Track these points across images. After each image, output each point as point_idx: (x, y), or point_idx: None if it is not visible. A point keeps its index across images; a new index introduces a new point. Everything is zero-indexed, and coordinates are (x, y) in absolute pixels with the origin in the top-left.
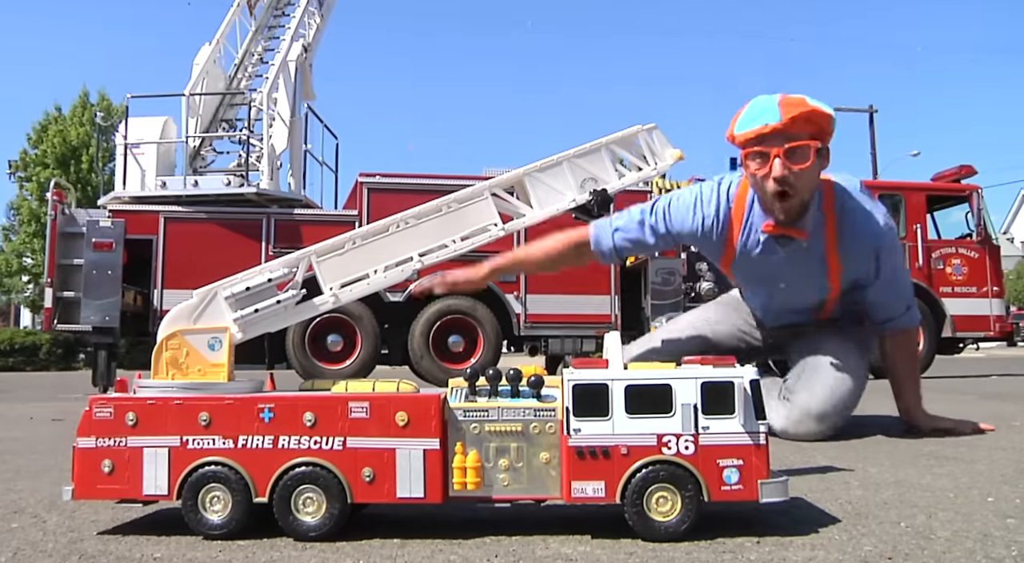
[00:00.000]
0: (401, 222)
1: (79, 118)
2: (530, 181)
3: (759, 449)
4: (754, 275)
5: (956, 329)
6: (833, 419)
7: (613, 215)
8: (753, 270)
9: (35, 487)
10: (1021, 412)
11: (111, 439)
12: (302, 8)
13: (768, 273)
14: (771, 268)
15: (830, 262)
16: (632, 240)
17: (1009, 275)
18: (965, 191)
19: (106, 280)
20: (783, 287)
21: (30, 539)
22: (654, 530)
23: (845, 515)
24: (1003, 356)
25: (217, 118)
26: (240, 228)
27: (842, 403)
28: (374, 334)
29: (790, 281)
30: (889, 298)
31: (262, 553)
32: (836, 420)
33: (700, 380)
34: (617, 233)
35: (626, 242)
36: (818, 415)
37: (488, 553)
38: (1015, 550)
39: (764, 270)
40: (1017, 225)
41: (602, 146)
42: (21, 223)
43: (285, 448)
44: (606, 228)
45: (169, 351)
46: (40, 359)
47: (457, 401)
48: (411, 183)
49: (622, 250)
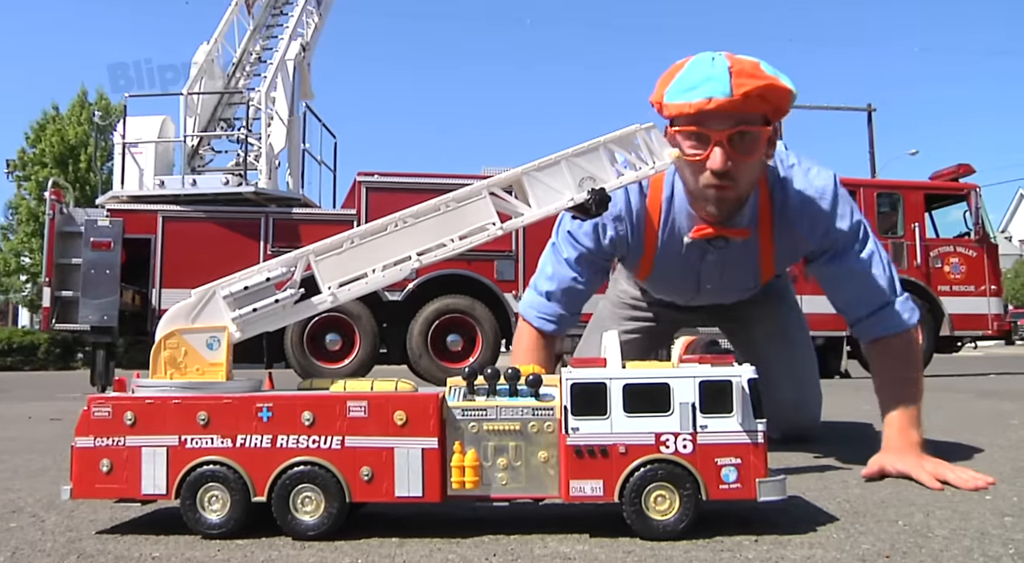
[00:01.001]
0: (399, 221)
1: (77, 117)
2: (528, 180)
3: (757, 448)
4: (673, 278)
5: (954, 328)
6: (816, 411)
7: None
8: (672, 274)
9: (33, 486)
10: (1019, 410)
11: (109, 438)
12: (300, 7)
13: (690, 276)
14: (694, 271)
15: (763, 252)
16: (564, 291)
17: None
18: (963, 190)
19: (104, 279)
20: (708, 288)
21: (28, 538)
22: (652, 529)
23: (843, 514)
24: (1001, 355)
25: (215, 117)
26: (238, 227)
27: (817, 388)
28: (372, 333)
29: (718, 281)
30: (854, 299)
31: (260, 552)
32: (817, 411)
33: (698, 379)
34: (550, 298)
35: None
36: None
37: (486, 552)
38: (1012, 548)
39: (686, 273)
40: (1015, 224)
41: (600, 145)
42: (19, 222)
43: (283, 447)
44: (534, 308)
45: (167, 350)
46: (38, 358)
47: (455, 400)
48: (409, 182)
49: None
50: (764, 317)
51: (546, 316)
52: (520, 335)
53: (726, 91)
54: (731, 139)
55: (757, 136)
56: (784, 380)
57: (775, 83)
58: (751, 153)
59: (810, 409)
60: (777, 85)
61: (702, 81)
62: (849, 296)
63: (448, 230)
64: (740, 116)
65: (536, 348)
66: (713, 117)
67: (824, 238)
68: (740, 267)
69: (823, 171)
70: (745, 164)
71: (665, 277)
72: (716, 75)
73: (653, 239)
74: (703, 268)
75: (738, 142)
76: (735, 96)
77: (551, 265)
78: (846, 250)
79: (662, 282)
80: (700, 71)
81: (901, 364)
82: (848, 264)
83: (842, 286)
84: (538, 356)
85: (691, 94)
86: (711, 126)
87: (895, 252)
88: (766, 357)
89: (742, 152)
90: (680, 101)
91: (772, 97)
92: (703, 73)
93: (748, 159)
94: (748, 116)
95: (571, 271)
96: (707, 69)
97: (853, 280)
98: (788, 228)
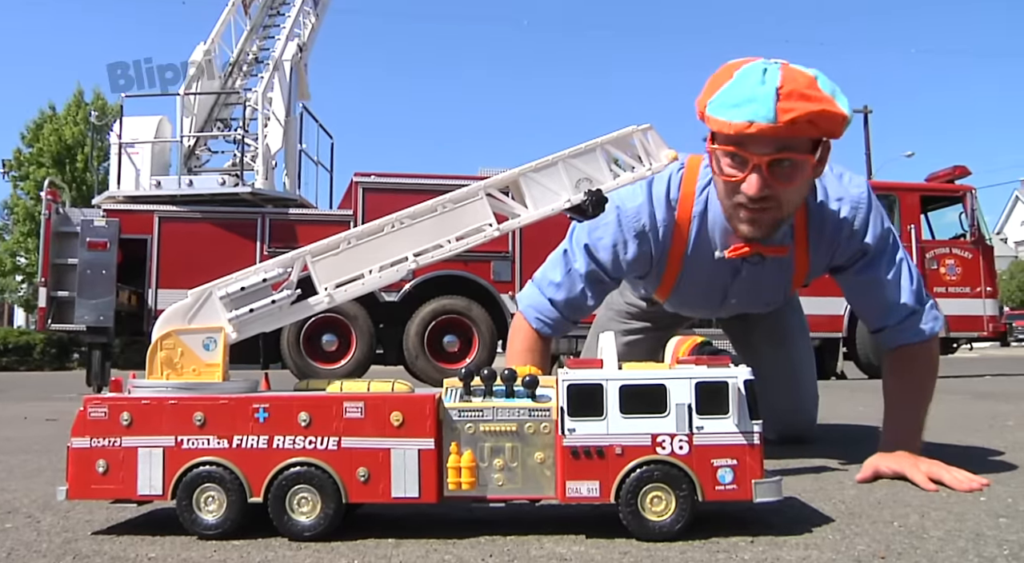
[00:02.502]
0: (396, 222)
1: (73, 117)
2: (525, 181)
3: (753, 449)
4: (697, 294)
5: (950, 329)
6: (813, 413)
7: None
8: (697, 290)
9: (29, 487)
10: (1014, 412)
11: (105, 439)
12: (297, 7)
13: (716, 293)
14: (722, 288)
15: (798, 267)
16: (568, 302)
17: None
18: (959, 192)
19: (100, 280)
20: (733, 303)
21: (24, 539)
22: (648, 530)
23: (839, 515)
24: (996, 356)
25: (212, 117)
26: (235, 228)
27: (814, 391)
28: (369, 334)
29: (745, 297)
30: (881, 308)
31: (257, 553)
32: (814, 413)
33: (694, 380)
34: (553, 305)
35: (566, 309)
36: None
37: (483, 553)
38: (1007, 549)
39: (712, 290)
40: (1010, 226)
41: (597, 146)
42: (15, 222)
43: (280, 448)
44: (535, 309)
45: (164, 351)
46: (34, 359)
47: (452, 401)
48: (406, 183)
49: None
50: (766, 318)
51: (546, 319)
52: (516, 333)
53: (770, 117)
54: (771, 165)
55: (801, 164)
56: (782, 383)
57: (827, 109)
58: (792, 180)
59: (807, 412)
60: (827, 112)
61: (747, 100)
62: (876, 305)
63: (445, 231)
64: (784, 141)
65: (532, 349)
66: (754, 141)
67: (859, 248)
68: (772, 283)
69: (856, 177)
70: (784, 190)
71: (688, 293)
72: (763, 96)
73: (679, 255)
74: (733, 285)
75: (778, 168)
76: (779, 122)
77: (560, 273)
78: (876, 259)
79: (683, 297)
80: (748, 87)
81: (920, 372)
82: (878, 274)
83: (870, 295)
84: (534, 357)
85: (734, 113)
86: (751, 149)
87: None
88: (765, 359)
89: (782, 179)
90: (722, 118)
91: (822, 123)
92: (750, 91)
93: (787, 186)
94: (793, 141)
95: (580, 284)
96: (755, 86)
97: (882, 289)
98: (825, 239)
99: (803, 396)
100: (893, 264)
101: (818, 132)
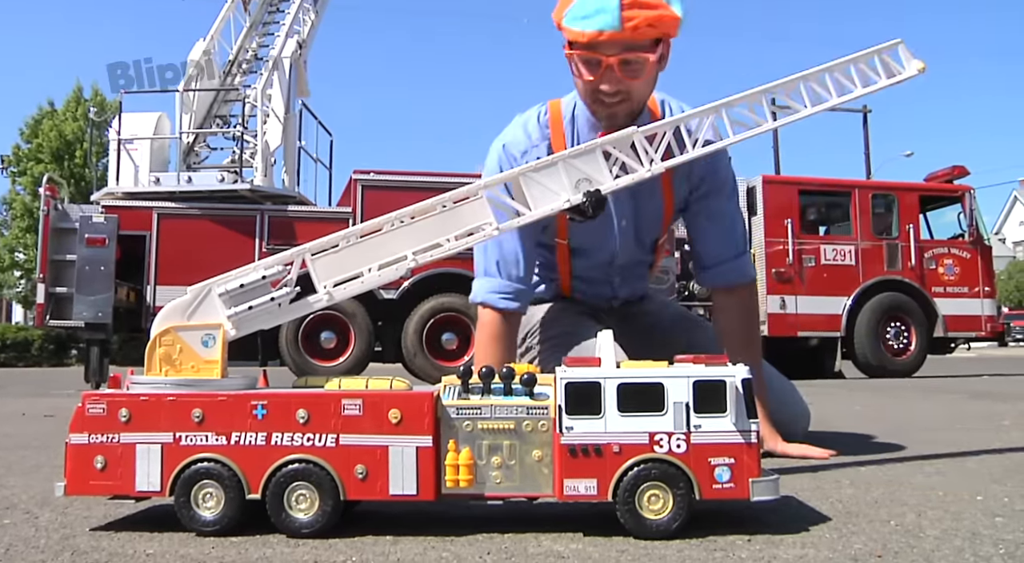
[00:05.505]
0: (395, 220)
1: (72, 113)
2: (525, 181)
3: (750, 448)
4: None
5: (948, 329)
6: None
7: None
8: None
9: (27, 483)
10: (1011, 411)
11: (104, 435)
12: (297, 4)
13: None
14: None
15: (664, 192)
16: (507, 258)
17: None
18: (957, 192)
19: (99, 276)
20: (624, 225)
21: (22, 535)
22: (646, 528)
23: (835, 513)
24: (994, 356)
25: (211, 114)
26: (234, 225)
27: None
28: (368, 331)
29: (631, 212)
30: (717, 240)
31: (255, 550)
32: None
33: (692, 379)
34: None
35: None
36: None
37: (480, 550)
38: (1003, 548)
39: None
40: (1009, 226)
41: (597, 146)
42: (14, 218)
43: (278, 445)
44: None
45: (162, 347)
46: (32, 355)
47: (450, 399)
48: (405, 180)
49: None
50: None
51: (504, 293)
52: (480, 329)
53: (615, 25)
54: (621, 64)
55: (644, 62)
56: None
57: (663, 15)
58: (639, 76)
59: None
60: (665, 16)
61: (596, 11)
62: (717, 236)
63: (445, 230)
64: (629, 43)
65: (499, 336)
66: (604, 46)
67: (710, 169)
68: (648, 209)
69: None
70: (633, 84)
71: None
72: (609, 6)
73: None
74: (616, 201)
75: (626, 67)
76: (624, 29)
77: (486, 251)
78: (721, 191)
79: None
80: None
81: (749, 317)
82: (722, 205)
83: (713, 226)
84: (502, 345)
85: (586, 23)
86: (602, 52)
87: (889, 253)
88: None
89: (630, 75)
90: (575, 28)
91: (660, 25)
92: (598, 2)
93: (636, 81)
94: (637, 43)
95: (503, 238)
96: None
97: (723, 222)
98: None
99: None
100: (733, 204)
101: (657, 33)
